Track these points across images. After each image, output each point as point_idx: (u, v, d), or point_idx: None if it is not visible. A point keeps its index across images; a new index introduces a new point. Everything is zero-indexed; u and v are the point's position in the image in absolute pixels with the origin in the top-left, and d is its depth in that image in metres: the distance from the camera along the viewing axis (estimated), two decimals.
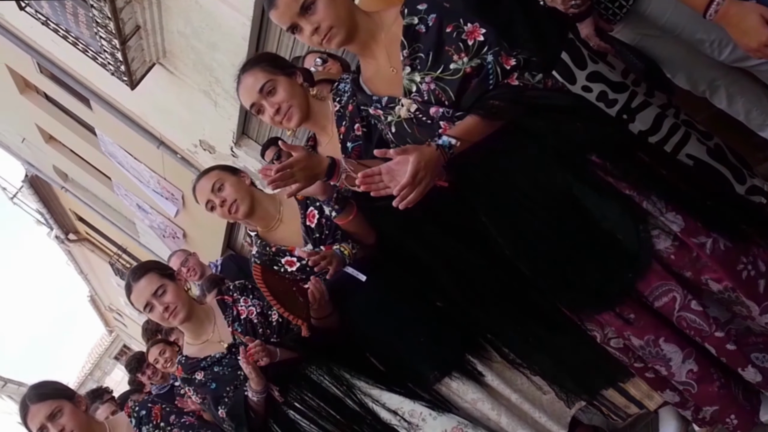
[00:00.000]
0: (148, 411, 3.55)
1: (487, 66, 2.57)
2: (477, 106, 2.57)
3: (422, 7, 2.66)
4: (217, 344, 3.64)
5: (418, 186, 2.48)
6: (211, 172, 3.64)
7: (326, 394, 3.49)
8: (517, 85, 2.58)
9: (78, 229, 24.19)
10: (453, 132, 2.56)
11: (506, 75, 2.58)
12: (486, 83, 2.58)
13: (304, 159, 2.83)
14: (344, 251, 3.35)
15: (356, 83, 2.92)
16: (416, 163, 2.46)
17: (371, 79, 2.86)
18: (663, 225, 2.54)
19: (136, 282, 3.58)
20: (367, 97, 2.84)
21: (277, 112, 3.14)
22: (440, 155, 2.52)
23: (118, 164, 13.66)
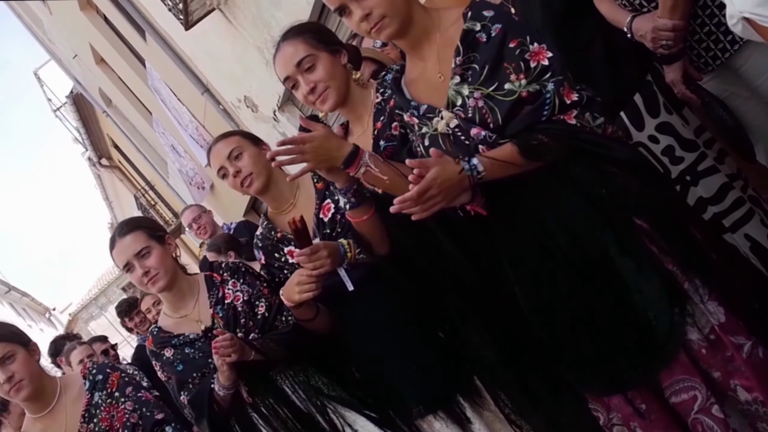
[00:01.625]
0: (105, 377, 3.28)
1: (545, 94, 2.27)
2: (521, 137, 2.29)
3: (488, 14, 2.37)
4: (195, 323, 3.37)
5: (423, 203, 2.23)
6: (231, 137, 3.37)
7: (297, 406, 3.26)
8: (573, 125, 2.29)
9: (111, 156, 24.22)
10: (486, 158, 2.29)
11: (564, 110, 2.28)
12: (539, 113, 2.28)
13: (321, 138, 2.57)
14: (347, 249, 3.03)
15: (396, 83, 2.64)
16: (429, 180, 2.21)
17: (414, 83, 2.58)
18: (701, 314, 2.27)
19: (121, 237, 3.32)
20: (405, 101, 2.56)
21: (312, 92, 2.85)
22: (463, 179, 2.26)
23: (161, 101, 13.54)
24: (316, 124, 2.61)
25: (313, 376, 3.31)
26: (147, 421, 3.17)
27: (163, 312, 3.50)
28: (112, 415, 3.16)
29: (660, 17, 2.78)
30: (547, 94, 2.26)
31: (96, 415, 3.17)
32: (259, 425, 3.26)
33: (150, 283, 3.26)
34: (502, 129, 2.31)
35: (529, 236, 2.40)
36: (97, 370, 3.30)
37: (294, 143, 2.53)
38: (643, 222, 2.30)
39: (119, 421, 3.15)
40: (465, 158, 2.28)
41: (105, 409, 3.17)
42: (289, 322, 3.29)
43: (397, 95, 2.61)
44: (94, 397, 3.21)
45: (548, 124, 2.27)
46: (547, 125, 2.27)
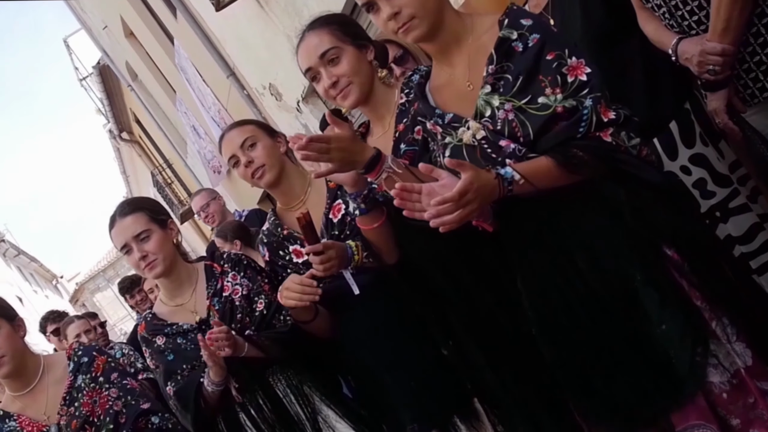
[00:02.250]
0: (91, 360, 3.14)
1: (582, 111, 2.13)
2: (556, 151, 2.15)
3: (526, 23, 2.22)
4: (190, 314, 3.26)
5: (461, 208, 2.06)
6: (246, 126, 3.26)
7: (287, 411, 3.14)
8: (609, 143, 2.15)
9: (132, 130, 24.19)
10: (520, 167, 2.15)
11: (600, 127, 2.15)
12: (575, 129, 2.14)
13: (347, 140, 2.44)
14: (354, 252, 2.91)
15: (421, 89, 2.50)
16: (468, 182, 2.04)
17: (439, 89, 2.43)
18: (726, 355, 2.11)
19: (121, 217, 3.21)
20: (429, 108, 2.41)
21: (333, 86, 2.73)
22: (496, 187, 2.12)
23: (186, 80, 13.48)
24: (342, 122, 2.49)
25: (307, 381, 3.20)
26: (131, 410, 3.03)
27: (159, 298, 3.40)
28: (94, 400, 3.02)
29: (709, 40, 2.63)
30: (585, 110, 2.12)
31: (77, 399, 3.03)
32: (246, 426, 3.15)
33: (147, 268, 3.15)
34: (533, 143, 2.18)
35: (547, 255, 2.26)
36: (83, 352, 3.16)
37: (321, 141, 2.40)
38: (673, 252, 2.16)
39: (101, 407, 3.01)
40: (497, 167, 2.16)
41: (87, 394, 3.03)
42: (287, 322, 3.17)
43: (420, 101, 2.47)
44: (77, 380, 3.07)
45: (584, 141, 2.14)
46: (583, 142, 2.14)
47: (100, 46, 18.79)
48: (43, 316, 7.09)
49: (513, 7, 2.28)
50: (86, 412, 2.99)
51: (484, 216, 2.28)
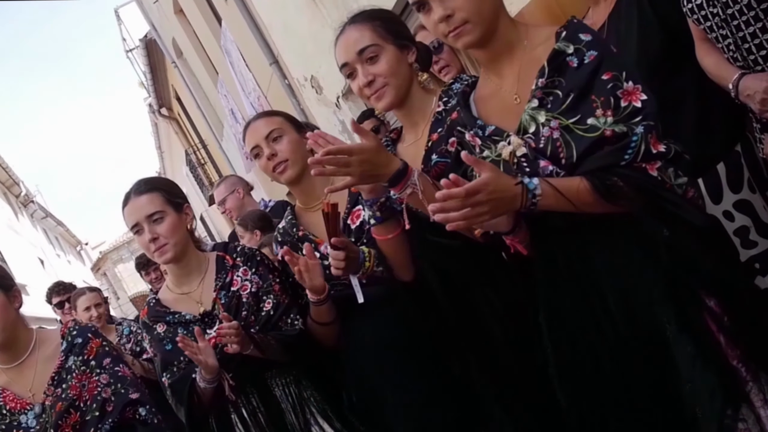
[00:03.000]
0: (85, 342, 3.00)
1: (631, 138, 1.96)
2: (595, 175, 1.98)
3: (585, 38, 2.06)
4: (195, 304, 3.13)
5: (468, 208, 1.91)
6: (274, 117, 3.15)
7: (281, 417, 3.03)
8: (654, 177, 1.98)
9: (172, 107, 24.19)
10: (549, 182, 2.00)
11: (647, 159, 1.98)
12: (620, 156, 1.97)
13: (371, 152, 2.31)
14: (366, 259, 2.78)
15: (465, 97, 2.35)
16: (482, 183, 1.92)
17: (484, 100, 2.29)
18: (755, 422, 1.94)
19: (136, 196, 3.09)
20: (471, 118, 2.27)
21: (369, 85, 2.58)
22: (517, 196, 1.97)
23: (230, 63, 13.40)
24: (368, 133, 2.37)
25: (306, 389, 3.09)
26: (120, 398, 2.89)
27: (166, 284, 3.28)
28: (83, 384, 2.88)
29: None
30: (634, 137, 1.96)
31: (66, 381, 2.89)
32: (237, 428, 3.03)
33: (157, 251, 3.03)
34: (574, 167, 2.03)
35: (576, 291, 2.11)
36: (78, 332, 3.02)
37: (341, 153, 2.26)
38: (713, 302, 1.99)
39: (90, 392, 2.87)
40: (524, 176, 2.01)
41: (77, 377, 2.89)
42: (295, 325, 3.05)
43: (462, 110, 2.32)
44: (69, 361, 2.93)
45: (627, 170, 1.97)
46: (626, 171, 1.97)
47: (149, 19, 18.76)
48: (50, 287, 6.98)
49: (573, 20, 2.12)
50: (73, 396, 2.85)
51: (520, 236, 2.15)
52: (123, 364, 3.01)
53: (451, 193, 1.90)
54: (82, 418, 2.84)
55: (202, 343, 2.82)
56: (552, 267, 2.15)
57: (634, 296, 2.02)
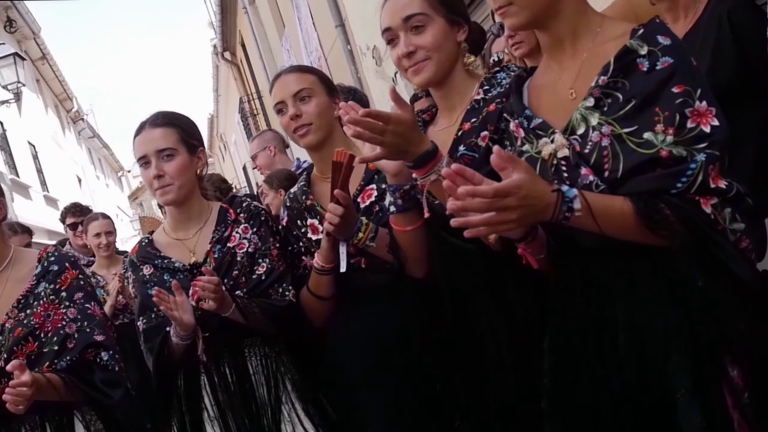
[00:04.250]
0: (60, 270, 2.79)
1: (689, 164, 1.69)
2: (641, 199, 1.73)
3: (663, 41, 1.78)
4: (187, 253, 2.94)
5: (496, 211, 1.64)
6: (308, 74, 2.90)
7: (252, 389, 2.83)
8: (707, 214, 1.71)
9: (235, 53, 24.07)
10: (589, 197, 1.73)
11: (703, 192, 1.71)
12: (672, 182, 1.71)
13: (407, 124, 2.09)
14: (362, 229, 2.60)
15: (519, 82, 2.10)
16: (516, 185, 1.64)
17: (539, 89, 2.04)
18: None
19: (152, 127, 2.89)
20: (521, 106, 2.02)
21: (409, 56, 2.34)
22: (551, 206, 1.71)
23: (297, 19, 13.28)
24: (406, 105, 2.14)
25: (284, 366, 2.89)
26: (83, 337, 2.68)
27: (162, 226, 3.10)
28: (48, 314, 2.67)
29: None
30: (693, 164, 1.69)
31: (32, 306, 2.69)
32: (204, 390, 2.83)
33: (160, 190, 2.83)
34: (617, 183, 1.77)
35: (588, 325, 1.89)
36: (56, 259, 2.81)
37: (379, 119, 2.04)
38: (736, 374, 1.72)
39: (53, 324, 2.65)
40: (560, 184, 1.76)
41: (44, 305, 2.69)
42: (285, 296, 2.84)
43: (514, 95, 2.08)
44: (39, 286, 2.72)
45: (678, 200, 1.71)
46: (676, 200, 1.71)
47: None
48: (66, 206, 6.90)
49: (656, 20, 1.85)
50: (35, 324, 2.65)
51: (534, 246, 1.91)
52: (95, 303, 2.80)
53: (476, 190, 1.63)
54: (39, 348, 2.64)
55: (179, 297, 2.61)
56: (568, 293, 1.92)
57: (649, 344, 1.78)
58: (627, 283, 1.82)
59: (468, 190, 1.63)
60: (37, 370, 2.58)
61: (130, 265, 3.01)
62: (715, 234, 1.71)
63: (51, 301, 2.71)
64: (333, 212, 2.51)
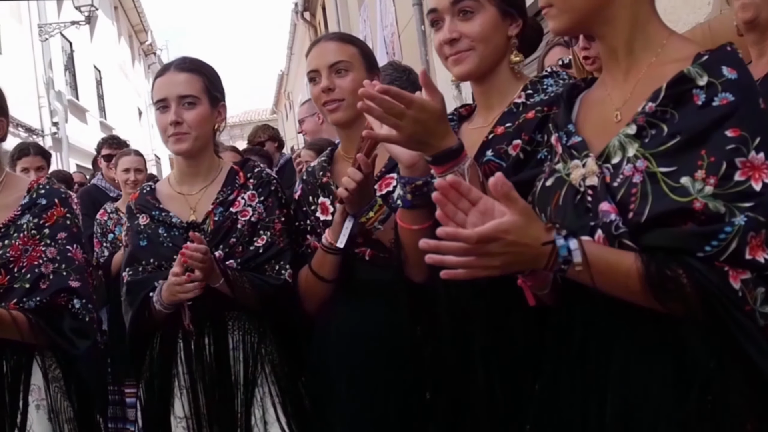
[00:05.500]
0: (49, 205, 2.59)
1: (725, 226, 1.41)
2: (655, 258, 1.47)
3: (728, 74, 1.51)
4: (187, 209, 2.77)
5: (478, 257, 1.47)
6: (349, 46, 2.68)
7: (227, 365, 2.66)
8: (734, 290, 1.42)
9: (315, 14, 23.93)
10: (592, 251, 1.50)
11: (735, 263, 1.42)
12: (700, 244, 1.43)
13: (433, 114, 1.86)
14: (374, 209, 2.45)
15: (572, 92, 1.86)
16: (502, 229, 1.46)
17: (589, 103, 1.80)
18: None
19: (177, 70, 2.74)
20: (566, 119, 1.78)
21: (450, 44, 2.10)
22: (543, 256, 1.50)
23: None
24: (437, 92, 1.90)
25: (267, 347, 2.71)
26: (58, 280, 2.48)
27: (167, 177, 2.95)
28: (26, 248, 2.48)
29: None
30: (729, 228, 1.41)
31: (11, 237, 2.50)
32: (179, 357, 2.67)
33: (174, 137, 2.68)
34: (640, 228, 1.50)
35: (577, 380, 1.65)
36: (46, 192, 2.61)
37: (399, 98, 1.82)
38: None
39: (30, 260, 2.46)
40: (563, 232, 1.51)
41: (23, 238, 2.49)
42: (281, 274, 2.66)
43: (562, 106, 1.83)
44: (23, 218, 2.53)
45: (702, 266, 1.43)
46: (701, 266, 1.43)
47: None
48: (104, 137, 6.79)
49: (727, 47, 1.58)
50: (11, 256, 2.46)
51: (536, 279, 1.67)
52: (78, 246, 2.60)
53: (458, 235, 1.46)
54: (10, 283, 2.45)
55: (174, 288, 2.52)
56: (566, 341, 1.68)
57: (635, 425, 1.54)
58: (628, 347, 1.58)
59: (449, 232, 1.46)
60: (3, 305, 2.41)
61: (127, 212, 2.86)
62: (741, 315, 1.43)
63: (32, 235, 2.52)
64: (351, 176, 2.33)
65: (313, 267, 2.60)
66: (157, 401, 2.68)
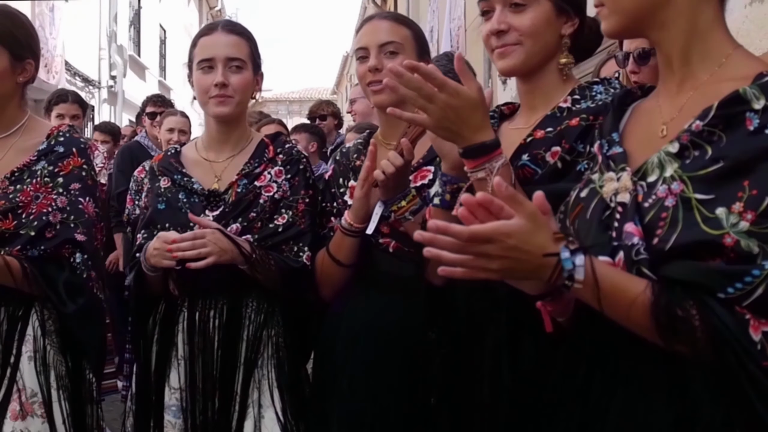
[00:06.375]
0: (66, 153, 2.51)
1: (754, 268, 1.26)
2: (668, 291, 1.32)
3: None
4: (211, 176, 2.68)
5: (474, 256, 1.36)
6: (404, 27, 2.56)
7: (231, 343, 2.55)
8: (754, 342, 1.26)
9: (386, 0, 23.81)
10: (602, 273, 1.37)
11: (759, 312, 1.26)
12: (723, 284, 1.28)
13: (467, 101, 1.76)
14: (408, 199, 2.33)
15: (626, 98, 1.72)
16: (502, 232, 1.35)
17: (639, 113, 1.66)
18: None
19: (225, 32, 2.67)
20: (612, 126, 1.64)
21: (498, 35, 1.97)
22: (544, 267, 1.38)
23: None
24: (474, 81, 1.79)
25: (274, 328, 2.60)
26: (65, 231, 2.42)
27: (196, 141, 2.85)
28: (37, 195, 2.41)
29: None
30: (757, 270, 1.25)
31: (23, 182, 2.44)
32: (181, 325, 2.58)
33: (218, 98, 2.60)
34: (663, 257, 1.36)
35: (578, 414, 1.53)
36: (65, 140, 2.54)
37: (429, 78, 1.71)
38: None
39: (39, 208, 2.39)
40: (574, 246, 1.38)
41: (36, 185, 2.42)
42: (299, 257, 2.57)
43: (612, 111, 1.69)
44: (38, 164, 2.46)
45: (721, 308, 1.28)
46: (719, 308, 1.28)
47: None
48: (150, 95, 6.75)
49: None
50: (20, 201, 2.38)
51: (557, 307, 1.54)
52: (91, 199, 2.52)
53: (448, 229, 1.35)
54: (16, 229, 2.37)
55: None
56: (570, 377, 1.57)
57: None
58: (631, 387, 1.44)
59: (439, 226, 1.35)
60: (6, 250, 2.35)
61: (149, 173, 2.76)
62: (757, 370, 1.27)
63: (44, 183, 2.45)
64: (392, 160, 2.25)
65: (330, 249, 2.52)
66: (154, 369, 2.59)
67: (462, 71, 1.78)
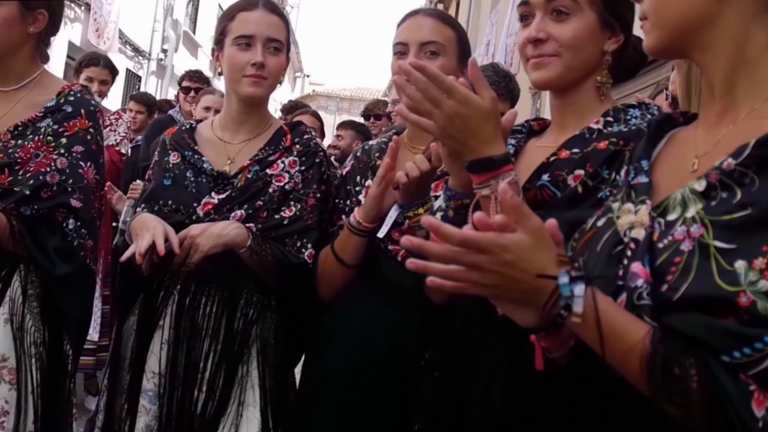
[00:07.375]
0: (74, 114, 2.39)
1: (766, 334, 1.09)
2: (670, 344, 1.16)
3: None
4: (223, 158, 2.58)
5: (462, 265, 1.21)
6: (447, 27, 2.41)
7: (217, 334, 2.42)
8: (756, 418, 1.08)
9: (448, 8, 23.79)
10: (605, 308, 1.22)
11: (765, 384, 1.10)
12: (729, 347, 1.10)
13: (478, 111, 1.64)
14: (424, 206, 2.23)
15: (665, 123, 1.54)
16: (501, 243, 1.19)
17: (675, 141, 1.49)
18: None
19: (267, 11, 2.57)
20: (643, 153, 1.47)
21: (534, 44, 1.84)
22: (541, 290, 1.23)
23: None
24: (488, 90, 1.66)
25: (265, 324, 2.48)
26: (60, 195, 2.30)
27: (212, 120, 2.74)
28: (37, 153, 2.29)
29: None
30: None
31: (26, 138, 2.32)
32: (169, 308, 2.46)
33: (252, 78, 2.50)
34: (669, 306, 1.19)
35: None
36: (75, 100, 2.43)
37: (439, 83, 1.61)
38: None
39: (37, 167, 2.27)
40: (577, 273, 1.23)
41: (37, 143, 2.30)
42: (301, 253, 2.45)
43: (647, 137, 1.52)
44: (44, 121, 2.35)
45: (724, 373, 1.11)
46: (722, 373, 1.11)
47: None
48: (187, 70, 6.69)
49: None
50: (19, 157, 2.27)
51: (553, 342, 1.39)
52: (92, 166, 2.40)
53: (440, 228, 1.20)
54: (11, 185, 2.26)
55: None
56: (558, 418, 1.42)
57: None
58: None
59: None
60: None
61: (160, 145, 2.67)
62: None
63: (47, 141, 2.33)
64: (418, 164, 2.14)
65: (335, 247, 2.40)
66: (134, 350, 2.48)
67: (476, 78, 1.66)
